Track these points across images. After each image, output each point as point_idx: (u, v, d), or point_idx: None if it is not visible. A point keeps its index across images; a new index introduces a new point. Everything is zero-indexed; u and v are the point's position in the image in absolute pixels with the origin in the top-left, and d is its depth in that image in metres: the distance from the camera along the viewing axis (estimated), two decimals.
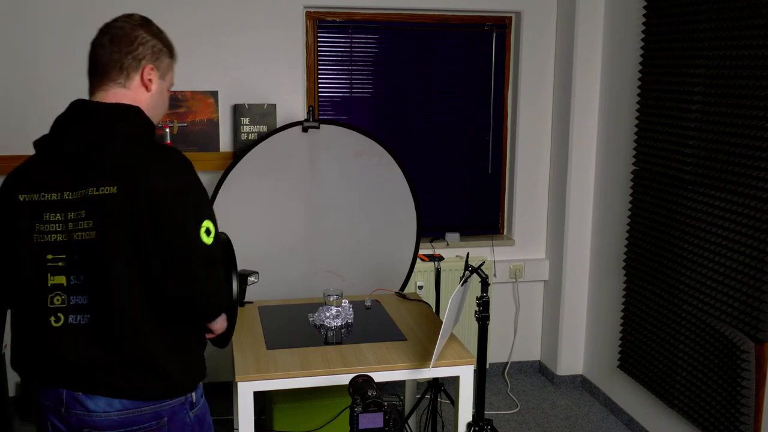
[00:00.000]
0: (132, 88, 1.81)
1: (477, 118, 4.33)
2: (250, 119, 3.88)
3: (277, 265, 3.69)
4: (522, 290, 4.46)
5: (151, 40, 1.83)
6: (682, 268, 3.27)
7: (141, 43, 1.81)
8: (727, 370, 3.00)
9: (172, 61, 1.89)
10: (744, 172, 2.89)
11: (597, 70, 4.04)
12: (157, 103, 1.87)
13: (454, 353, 2.77)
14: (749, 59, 2.86)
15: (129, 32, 1.80)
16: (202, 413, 1.90)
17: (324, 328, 2.95)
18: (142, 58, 1.81)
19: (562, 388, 4.32)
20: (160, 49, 1.84)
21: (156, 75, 1.84)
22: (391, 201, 3.83)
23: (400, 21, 4.11)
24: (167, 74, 1.88)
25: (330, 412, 3.28)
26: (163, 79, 1.86)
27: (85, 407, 1.76)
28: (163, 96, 1.89)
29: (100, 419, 1.76)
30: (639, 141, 3.60)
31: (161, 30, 1.88)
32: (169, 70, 1.89)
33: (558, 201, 4.26)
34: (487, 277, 2.85)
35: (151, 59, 1.82)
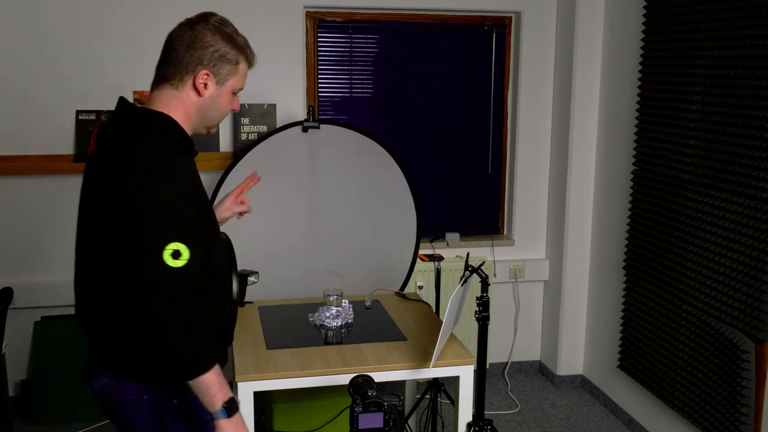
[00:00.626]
0: (183, 90, 1.85)
1: (477, 118, 4.33)
2: (250, 119, 3.88)
3: (277, 265, 3.69)
4: (522, 290, 4.46)
5: (215, 45, 1.83)
6: (682, 268, 3.27)
7: (202, 47, 1.83)
8: (727, 370, 3.00)
9: (237, 68, 1.88)
10: (744, 172, 2.89)
11: (597, 70, 4.04)
12: (209, 108, 1.88)
13: (454, 353, 2.77)
14: (749, 59, 2.86)
15: (196, 34, 1.83)
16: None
17: (324, 328, 2.95)
18: (199, 63, 1.83)
19: (562, 388, 4.32)
20: (221, 55, 1.84)
21: (212, 80, 1.85)
22: (391, 201, 3.83)
23: (400, 21, 4.11)
24: (228, 80, 1.88)
25: (330, 412, 3.28)
26: (221, 84, 1.87)
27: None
28: (218, 101, 1.89)
29: None
30: (639, 141, 3.60)
31: (236, 35, 1.88)
32: (231, 76, 1.87)
33: (558, 201, 4.26)
34: (487, 277, 2.84)
35: (208, 64, 1.83)
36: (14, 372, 3.86)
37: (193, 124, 1.91)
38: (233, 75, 1.88)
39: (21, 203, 3.75)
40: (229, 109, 1.93)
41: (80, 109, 3.73)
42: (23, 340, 3.85)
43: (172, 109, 1.85)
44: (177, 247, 1.70)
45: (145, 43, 3.73)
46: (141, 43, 3.74)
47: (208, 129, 1.96)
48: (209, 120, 1.91)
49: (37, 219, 3.77)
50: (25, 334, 3.84)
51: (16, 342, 3.82)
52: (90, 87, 3.74)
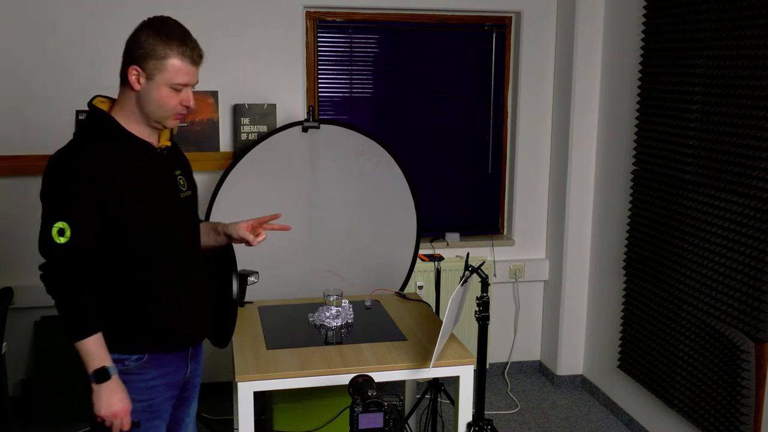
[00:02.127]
0: (126, 87, 2.03)
1: (477, 118, 4.33)
2: (250, 119, 3.88)
3: (277, 265, 3.69)
4: (522, 290, 4.46)
5: (144, 42, 1.97)
6: (682, 268, 3.27)
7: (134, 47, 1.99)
8: (727, 370, 3.00)
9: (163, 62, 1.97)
10: (744, 172, 2.89)
11: (597, 70, 4.04)
12: (145, 101, 2.00)
13: (454, 353, 2.77)
14: (749, 59, 2.86)
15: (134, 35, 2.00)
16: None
17: (324, 328, 2.95)
18: (130, 61, 1.99)
19: (562, 388, 4.32)
20: (148, 51, 1.96)
21: (142, 75, 1.98)
22: (391, 201, 3.83)
23: (400, 21, 4.11)
24: (156, 75, 1.98)
25: (330, 412, 3.28)
26: (150, 79, 1.98)
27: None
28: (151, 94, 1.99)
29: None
30: (639, 141, 3.60)
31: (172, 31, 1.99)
32: (158, 71, 1.97)
33: (558, 201, 4.26)
34: (487, 277, 2.84)
35: (137, 61, 1.98)
36: (14, 372, 3.86)
37: (140, 118, 2.05)
38: (161, 71, 1.97)
39: (21, 203, 3.75)
40: (171, 103, 2.01)
41: (80, 109, 3.72)
42: (23, 340, 3.85)
43: (122, 104, 2.04)
44: (61, 226, 1.92)
45: None
46: None
47: (158, 123, 2.06)
48: (151, 113, 2.02)
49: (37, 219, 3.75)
50: (25, 334, 3.84)
51: (16, 342, 3.81)
52: (90, 87, 3.73)
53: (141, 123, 2.05)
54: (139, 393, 2.06)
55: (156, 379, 2.09)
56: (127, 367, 2.04)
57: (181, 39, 1.99)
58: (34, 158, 3.70)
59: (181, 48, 1.98)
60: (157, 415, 2.12)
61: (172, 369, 2.13)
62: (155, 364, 2.08)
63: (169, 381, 2.14)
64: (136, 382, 2.06)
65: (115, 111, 2.05)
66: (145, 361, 2.06)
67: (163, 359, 2.10)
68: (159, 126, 2.08)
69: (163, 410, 2.14)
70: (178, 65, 1.98)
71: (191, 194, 2.20)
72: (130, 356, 2.05)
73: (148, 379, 2.07)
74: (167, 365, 2.11)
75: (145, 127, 2.06)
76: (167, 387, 2.13)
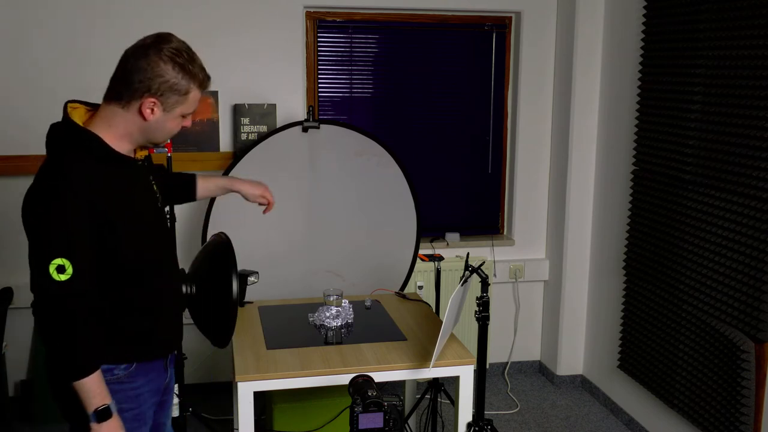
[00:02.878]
0: (130, 111, 1.91)
1: (477, 118, 4.33)
2: (250, 119, 3.88)
3: (277, 265, 3.69)
4: (522, 290, 4.46)
5: (165, 76, 1.87)
6: (682, 268, 3.27)
7: (152, 76, 1.86)
8: (727, 370, 3.00)
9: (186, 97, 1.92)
10: (744, 172, 2.89)
11: (597, 70, 4.04)
12: (154, 130, 1.95)
13: (454, 353, 2.77)
14: (749, 59, 2.86)
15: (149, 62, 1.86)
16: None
17: (324, 328, 2.95)
18: (147, 90, 1.87)
19: (562, 388, 4.32)
20: (170, 86, 1.88)
21: (159, 107, 1.90)
22: (391, 201, 3.83)
23: (400, 21, 4.11)
24: (176, 108, 1.93)
25: (330, 412, 3.28)
26: (168, 111, 1.92)
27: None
28: (164, 125, 1.95)
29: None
30: (639, 141, 3.60)
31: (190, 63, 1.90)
32: (179, 105, 1.92)
33: (558, 201, 4.26)
34: (487, 277, 2.84)
35: (156, 93, 1.88)
36: (14, 372, 3.86)
37: (136, 141, 1.98)
38: (181, 104, 1.93)
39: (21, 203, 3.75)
40: (177, 129, 2.01)
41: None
42: (23, 340, 3.85)
43: (114, 125, 1.92)
44: (61, 262, 1.81)
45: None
46: None
47: (154, 146, 2.04)
48: (153, 139, 1.99)
49: None
50: (25, 334, 3.84)
51: (16, 342, 3.82)
52: (89, 87, 3.73)
53: (130, 143, 1.98)
54: (128, 401, 2.07)
55: (143, 386, 2.10)
56: (117, 377, 2.03)
57: (202, 71, 1.95)
58: (34, 158, 3.70)
59: (202, 80, 1.95)
60: (144, 422, 2.13)
61: (156, 376, 2.14)
62: (142, 372, 2.08)
63: (154, 387, 2.15)
64: (126, 391, 2.06)
65: (98, 127, 1.93)
66: (133, 369, 2.06)
67: (149, 367, 2.11)
68: (151, 146, 2.05)
69: (149, 416, 2.15)
70: (196, 97, 1.96)
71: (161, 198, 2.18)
72: (119, 365, 2.04)
73: (136, 387, 2.08)
74: (151, 372, 2.12)
75: (129, 145, 1.99)
76: (152, 393, 2.14)
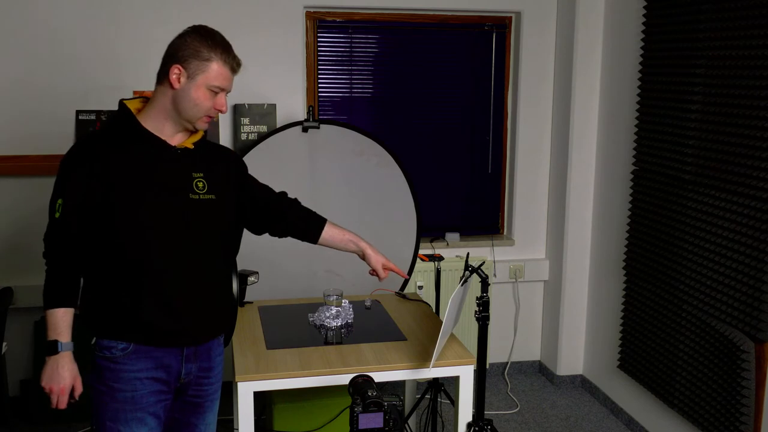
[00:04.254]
0: (164, 84, 2.10)
1: (477, 118, 4.33)
2: (250, 119, 3.88)
3: (277, 265, 3.69)
4: (522, 290, 4.46)
5: (190, 44, 2.06)
6: (682, 268, 3.27)
7: (179, 47, 2.07)
8: (727, 370, 3.00)
9: (207, 64, 2.06)
10: (744, 172, 2.89)
11: (597, 70, 4.04)
12: (182, 100, 2.08)
13: (454, 353, 2.77)
14: (749, 59, 2.86)
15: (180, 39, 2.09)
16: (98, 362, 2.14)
17: (324, 328, 2.95)
18: (173, 59, 2.07)
19: (562, 388, 4.32)
20: (193, 51, 2.05)
21: (183, 74, 2.06)
22: (391, 201, 3.83)
23: (400, 21, 4.11)
24: (198, 75, 2.06)
25: (330, 412, 3.28)
26: (191, 79, 2.06)
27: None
28: (190, 94, 2.07)
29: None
30: (639, 141, 3.60)
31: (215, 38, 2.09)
32: (201, 71, 2.06)
33: (558, 201, 4.26)
34: (487, 277, 2.84)
35: (180, 60, 2.06)
36: (14, 372, 3.86)
37: (172, 117, 2.11)
38: (203, 70, 2.06)
39: (21, 203, 3.75)
40: (206, 104, 2.10)
41: (80, 109, 3.73)
42: (23, 340, 3.85)
43: (155, 102, 2.12)
44: (60, 202, 2.07)
45: (145, 44, 3.73)
46: (141, 44, 3.74)
47: (190, 123, 2.13)
48: (184, 111, 2.09)
49: (37, 219, 3.77)
50: (25, 334, 3.84)
51: (16, 342, 3.82)
52: (90, 87, 3.74)
53: (169, 121, 2.12)
54: (123, 383, 2.10)
55: (141, 371, 2.11)
56: (114, 356, 2.09)
57: (225, 46, 2.10)
58: (35, 158, 3.71)
59: (224, 54, 2.08)
60: (140, 407, 2.12)
61: (161, 364, 2.14)
62: (141, 356, 2.10)
63: (156, 376, 2.14)
64: (120, 372, 2.09)
65: (145, 110, 2.13)
66: (130, 351, 2.09)
67: (151, 353, 2.11)
68: (189, 126, 2.14)
69: (148, 403, 2.13)
70: (219, 69, 2.08)
71: (214, 198, 2.18)
72: (117, 344, 2.09)
73: (133, 370, 2.10)
74: (154, 360, 2.12)
75: (171, 126, 2.13)
76: (153, 381, 2.13)
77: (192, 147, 2.18)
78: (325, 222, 2.52)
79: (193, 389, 2.25)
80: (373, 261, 2.55)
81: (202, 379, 2.25)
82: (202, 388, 2.27)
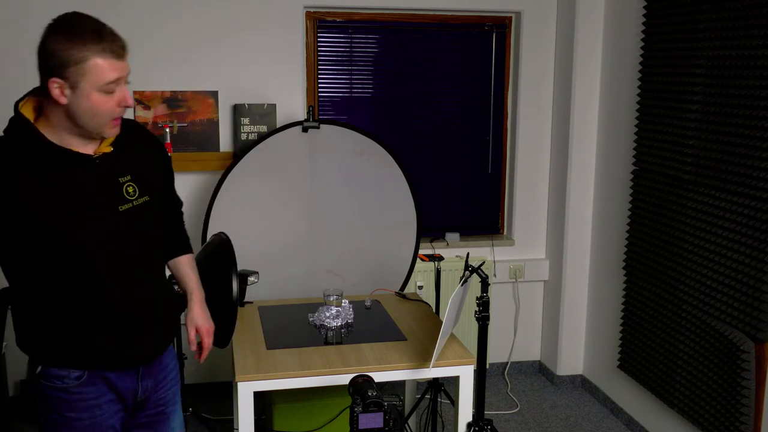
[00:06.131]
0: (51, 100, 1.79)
1: (477, 118, 4.33)
2: (250, 119, 3.88)
3: (277, 265, 3.69)
4: (522, 290, 4.46)
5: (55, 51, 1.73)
6: (682, 268, 3.27)
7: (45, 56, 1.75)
8: (727, 370, 3.00)
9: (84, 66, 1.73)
10: (744, 172, 2.89)
11: (597, 70, 4.04)
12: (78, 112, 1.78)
13: (454, 353, 2.77)
14: (749, 59, 2.86)
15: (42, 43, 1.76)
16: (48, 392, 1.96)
17: (324, 328, 2.95)
18: (47, 74, 1.75)
19: (562, 388, 4.32)
20: (63, 60, 1.72)
21: (65, 86, 1.75)
22: (391, 201, 3.83)
23: (400, 21, 4.11)
24: (80, 82, 1.74)
25: (330, 412, 3.28)
26: (75, 88, 1.75)
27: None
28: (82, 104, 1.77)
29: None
30: (639, 141, 3.60)
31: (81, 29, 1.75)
32: (81, 77, 1.74)
33: (558, 201, 4.26)
34: (487, 277, 2.85)
35: (55, 73, 1.74)
36: (14, 372, 3.86)
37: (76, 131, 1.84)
38: (84, 74, 1.73)
39: None
40: (106, 107, 1.80)
41: None
42: None
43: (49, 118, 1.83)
44: None
45: (142, 44, 3.73)
46: (139, 44, 3.74)
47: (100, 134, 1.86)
48: (87, 124, 1.81)
49: None
50: None
51: None
52: None
53: (73, 136, 1.84)
54: (81, 411, 1.96)
55: (99, 398, 1.97)
56: (67, 385, 1.94)
57: (96, 34, 1.75)
58: None
59: (98, 45, 1.74)
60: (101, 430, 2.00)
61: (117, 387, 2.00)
62: (96, 381, 1.96)
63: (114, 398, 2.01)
64: (77, 401, 1.95)
65: (40, 122, 1.84)
66: (85, 379, 1.95)
67: (106, 377, 1.98)
68: (98, 136, 1.87)
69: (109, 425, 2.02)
70: (101, 64, 1.74)
71: (149, 199, 1.99)
72: (69, 373, 1.94)
73: (91, 397, 1.95)
74: (110, 383, 1.99)
75: (78, 139, 1.85)
76: (111, 404, 2.01)
77: (110, 149, 1.90)
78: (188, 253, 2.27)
79: (152, 401, 2.12)
80: (188, 317, 2.18)
81: (159, 390, 2.12)
82: (162, 396, 2.14)
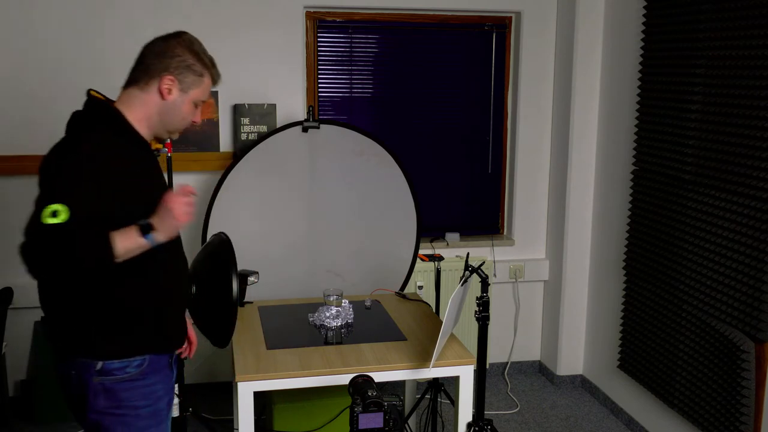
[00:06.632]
0: (149, 92, 2.03)
1: (477, 118, 4.33)
2: (250, 119, 3.88)
3: (277, 265, 3.69)
4: (522, 290, 4.46)
5: (183, 56, 2.03)
6: (682, 268, 3.27)
7: (171, 56, 2.03)
8: (727, 370, 3.00)
9: (201, 79, 2.06)
10: (744, 172, 2.89)
11: (597, 70, 4.04)
12: (170, 112, 2.05)
13: (454, 353, 2.77)
14: (749, 59, 2.86)
15: (167, 45, 2.05)
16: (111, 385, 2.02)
17: (324, 328, 2.95)
18: (165, 69, 2.02)
19: (562, 388, 4.32)
20: (188, 65, 2.03)
21: (176, 86, 2.03)
22: (391, 201, 3.83)
23: (400, 21, 4.11)
24: (192, 89, 2.05)
25: (330, 412, 3.28)
26: (184, 92, 2.04)
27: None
28: (180, 107, 2.05)
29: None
30: (639, 141, 3.60)
31: (204, 54, 2.07)
32: (195, 86, 2.05)
33: (558, 201, 4.26)
34: (487, 277, 2.85)
35: (174, 71, 2.02)
36: (14, 372, 3.86)
37: (153, 126, 2.07)
38: (197, 85, 2.06)
39: (21, 203, 3.75)
40: (190, 118, 2.10)
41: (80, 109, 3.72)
42: (23, 340, 3.85)
43: (134, 107, 2.04)
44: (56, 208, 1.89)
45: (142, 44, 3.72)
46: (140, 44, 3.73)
47: (169, 134, 2.13)
48: (169, 124, 2.08)
49: None
50: (25, 334, 3.84)
51: (16, 342, 3.82)
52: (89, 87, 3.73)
53: (149, 129, 2.07)
54: (143, 398, 2.07)
55: (156, 384, 2.10)
56: (129, 374, 2.04)
57: (212, 61, 2.10)
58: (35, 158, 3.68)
59: (214, 69, 2.10)
60: (161, 419, 2.12)
61: (168, 373, 2.15)
62: (154, 368, 2.08)
63: (167, 386, 2.14)
64: (139, 388, 2.06)
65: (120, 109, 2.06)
66: (145, 366, 2.06)
67: (160, 363, 2.10)
68: (166, 136, 2.13)
69: (165, 414, 2.14)
70: (208, 84, 2.09)
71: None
72: (131, 361, 2.04)
73: (150, 384, 2.08)
74: (163, 369, 2.12)
75: (148, 133, 2.09)
76: (166, 391, 2.14)
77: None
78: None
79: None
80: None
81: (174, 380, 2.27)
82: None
